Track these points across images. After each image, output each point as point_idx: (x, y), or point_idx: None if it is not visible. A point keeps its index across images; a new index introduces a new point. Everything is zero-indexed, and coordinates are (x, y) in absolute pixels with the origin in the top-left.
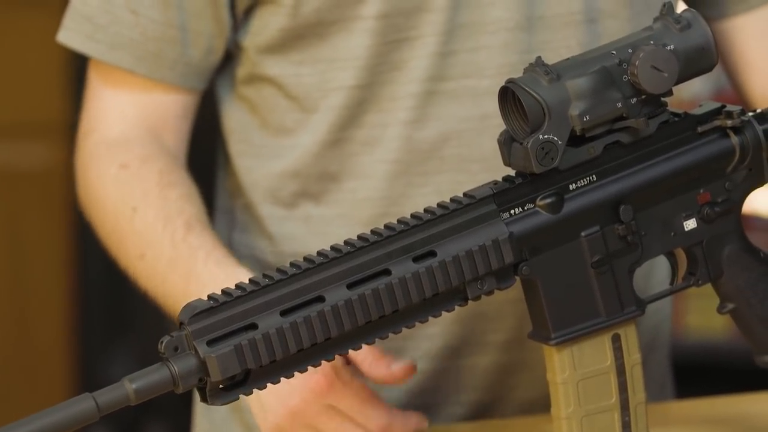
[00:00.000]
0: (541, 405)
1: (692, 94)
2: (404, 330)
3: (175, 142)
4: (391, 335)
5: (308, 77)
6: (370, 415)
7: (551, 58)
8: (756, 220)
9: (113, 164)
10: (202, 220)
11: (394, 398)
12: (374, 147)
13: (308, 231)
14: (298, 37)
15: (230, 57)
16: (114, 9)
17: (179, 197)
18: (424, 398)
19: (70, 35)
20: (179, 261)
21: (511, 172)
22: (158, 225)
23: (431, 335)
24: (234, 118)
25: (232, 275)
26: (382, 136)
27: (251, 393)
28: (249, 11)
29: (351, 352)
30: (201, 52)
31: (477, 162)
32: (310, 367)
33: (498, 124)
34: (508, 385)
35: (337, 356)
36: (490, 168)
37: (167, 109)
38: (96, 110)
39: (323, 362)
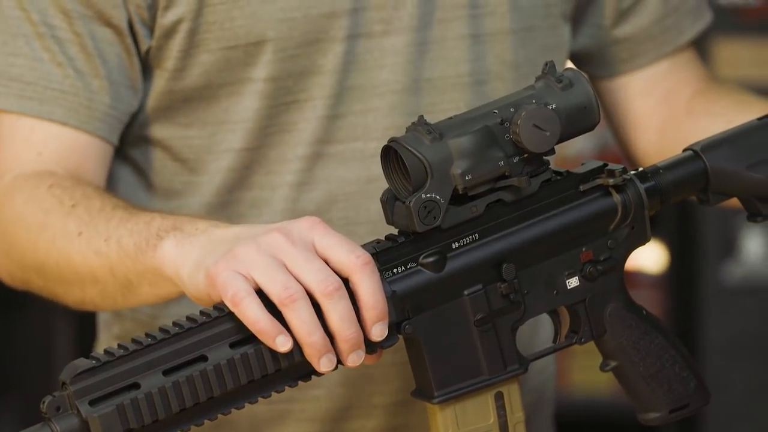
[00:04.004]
0: None
1: (576, 151)
2: (289, 392)
3: (95, 183)
4: (275, 397)
5: (196, 140)
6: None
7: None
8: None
9: (42, 185)
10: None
11: None
12: (262, 209)
13: None
14: (185, 99)
15: None
16: (40, 65)
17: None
18: None
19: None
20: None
21: (395, 231)
22: (107, 208)
23: (316, 397)
24: (119, 180)
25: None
26: (270, 198)
27: None
28: (144, 72)
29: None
30: (124, 105)
31: (364, 224)
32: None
33: (385, 187)
34: None
35: None
36: (376, 230)
37: (88, 156)
38: (6, 155)
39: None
